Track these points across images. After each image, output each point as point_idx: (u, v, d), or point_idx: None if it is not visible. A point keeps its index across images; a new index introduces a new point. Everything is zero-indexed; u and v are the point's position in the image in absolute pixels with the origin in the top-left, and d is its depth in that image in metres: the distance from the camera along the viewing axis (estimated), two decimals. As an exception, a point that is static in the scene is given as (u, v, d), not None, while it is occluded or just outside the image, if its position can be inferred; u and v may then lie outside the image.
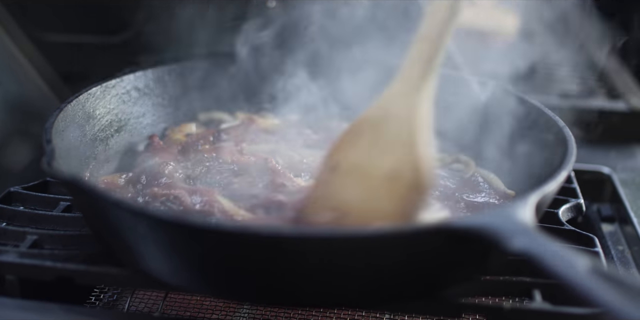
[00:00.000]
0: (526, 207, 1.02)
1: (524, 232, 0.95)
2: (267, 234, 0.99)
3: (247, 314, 1.37)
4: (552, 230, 1.30)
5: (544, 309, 1.11)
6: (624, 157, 1.97)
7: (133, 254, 1.13)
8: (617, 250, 1.57)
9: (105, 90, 1.52)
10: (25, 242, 1.24)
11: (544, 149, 1.37)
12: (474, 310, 1.15)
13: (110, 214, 1.10)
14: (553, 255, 0.89)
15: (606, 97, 2.27)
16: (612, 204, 1.76)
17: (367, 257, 1.02)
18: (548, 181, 1.13)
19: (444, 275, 1.11)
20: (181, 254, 1.07)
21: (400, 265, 1.05)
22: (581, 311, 1.09)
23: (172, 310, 1.38)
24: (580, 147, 1.28)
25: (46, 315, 1.15)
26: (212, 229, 1.01)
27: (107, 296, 1.45)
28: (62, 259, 1.19)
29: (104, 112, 1.51)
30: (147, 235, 1.06)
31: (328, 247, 1.01)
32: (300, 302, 1.15)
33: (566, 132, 1.33)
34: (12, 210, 1.35)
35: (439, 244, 1.02)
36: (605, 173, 1.80)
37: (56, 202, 1.40)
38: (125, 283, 1.26)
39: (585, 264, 0.88)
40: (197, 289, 1.15)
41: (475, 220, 1.00)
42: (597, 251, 1.27)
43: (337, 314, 1.37)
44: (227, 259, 1.04)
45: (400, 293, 1.11)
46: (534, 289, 1.17)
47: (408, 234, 1.01)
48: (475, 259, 1.11)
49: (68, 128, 1.36)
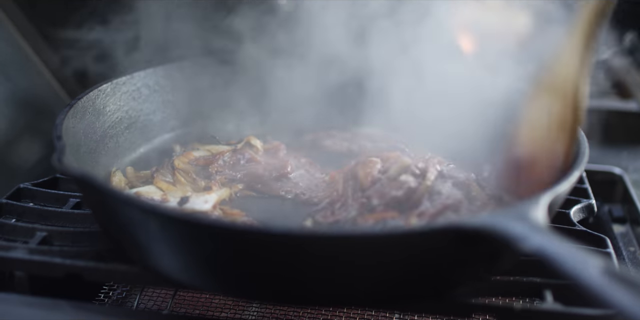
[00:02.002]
0: (539, 207, 1.02)
1: (537, 232, 0.94)
2: (278, 233, 0.99)
3: (257, 312, 1.37)
4: (563, 231, 1.29)
5: (556, 309, 1.11)
6: (635, 157, 1.96)
7: (142, 251, 1.12)
8: (628, 251, 1.56)
9: (115, 87, 1.52)
10: (34, 239, 1.24)
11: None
12: (485, 310, 1.14)
13: (120, 211, 1.10)
14: (566, 255, 0.89)
15: (618, 97, 2.26)
16: (623, 204, 1.75)
17: (378, 256, 1.01)
18: (560, 181, 1.12)
19: (454, 275, 1.11)
20: (191, 252, 1.06)
21: (411, 264, 1.04)
22: (593, 312, 1.08)
23: (181, 308, 1.38)
24: (591, 148, 1.27)
25: (55, 312, 1.14)
26: (222, 227, 1.01)
27: (116, 293, 1.45)
28: (71, 255, 1.19)
29: (114, 109, 1.51)
30: (157, 232, 1.06)
31: (338, 247, 1.00)
32: (310, 301, 1.14)
33: (578, 132, 1.32)
34: (21, 207, 1.35)
35: (450, 244, 1.01)
36: (617, 174, 1.79)
37: (66, 198, 1.40)
38: (134, 280, 1.26)
39: (597, 264, 0.88)
40: (207, 286, 1.14)
41: (488, 219, 0.99)
42: (609, 252, 1.27)
43: (346, 313, 1.36)
44: (237, 257, 1.04)
45: (411, 293, 1.10)
46: (545, 289, 1.16)
47: (420, 234, 1.01)
48: (486, 258, 1.11)
49: (78, 125, 1.36)
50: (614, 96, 2.27)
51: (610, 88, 2.35)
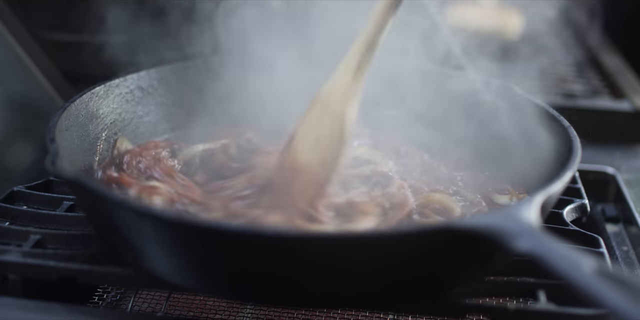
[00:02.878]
0: (531, 207, 1.02)
1: (529, 232, 0.94)
2: (272, 235, 0.99)
3: (251, 314, 1.37)
4: (556, 231, 1.29)
5: (549, 309, 1.11)
6: (628, 157, 1.96)
7: (136, 253, 1.12)
8: (621, 251, 1.56)
9: (108, 90, 1.52)
10: (28, 242, 1.24)
11: (549, 149, 1.36)
12: (478, 310, 1.14)
13: (114, 214, 1.10)
14: (558, 255, 0.89)
15: (610, 97, 2.27)
16: (616, 204, 1.75)
17: (371, 257, 1.02)
18: (553, 181, 1.12)
19: (448, 276, 1.11)
20: (185, 254, 1.06)
21: (404, 265, 1.05)
22: (586, 312, 1.08)
23: (176, 311, 1.38)
24: (584, 147, 1.27)
25: (49, 315, 1.14)
26: (216, 229, 1.01)
27: (111, 296, 1.45)
28: (65, 258, 1.19)
29: (108, 112, 1.51)
30: (151, 235, 1.06)
31: (331, 248, 1.01)
32: (303, 302, 1.15)
33: (571, 132, 1.32)
34: (15, 210, 1.35)
35: (443, 244, 1.01)
36: (610, 173, 1.80)
37: (59, 201, 1.40)
38: (128, 283, 1.26)
39: (590, 264, 0.88)
40: (201, 289, 1.14)
41: (480, 220, 0.99)
42: (602, 252, 1.27)
43: (340, 314, 1.36)
44: (231, 259, 1.04)
45: (404, 293, 1.10)
46: (538, 289, 1.16)
47: (412, 234, 1.01)
48: (479, 259, 1.11)
49: (71, 127, 1.36)
50: (607, 96, 2.28)
51: (603, 88, 2.36)
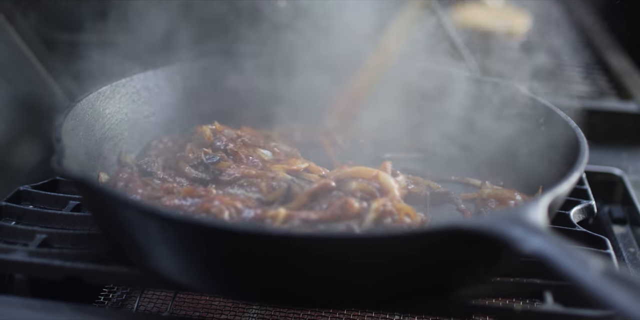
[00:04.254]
0: (538, 208, 1.02)
1: (536, 233, 0.94)
2: (278, 235, 0.99)
3: (256, 314, 1.37)
4: (563, 232, 1.29)
5: (556, 310, 1.11)
6: (635, 158, 1.95)
7: (142, 253, 1.12)
8: (628, 252, 1.56)
9: (115, 90, 1.52)
10: (34, 241, 1.24)
11: (556, 150, 1.36)
12: (485, 311, 1.14)
13: (119, 213, 1.10)
14: (566, 256, 0.89)
15: (617, 98, 2.26)
16: (623, 205, 1.75)
17: (378, 258, 1.01)
18: (560, 182, 1.12)
19: (454, 277, 1.11)
20: (191, 254, 1.06)
21: (411, 266, 1.04)
22: (593, 313, 1.08)
23: (181, 310, 1.38)
24: (591, 149, 1.27)
25: (55, 314, 1.14)
26: (222, 229, 1.01)
27: (116, 296, 1.45)
28: (71, 258, 1.19)
29: (114, 111, 1.51)
30: (157, 234, 1.06)
31: (338, 249, 1.00)
32: (309, 302, 1.14)
33: (578, 133, 1.32)
34: (21, 209, 1.35)
35: (450, 245, 1.01)
36: (617, 174, 1.79)
37: (65, 201, 1.40)
38: (134, 283, 1.26)
39: (597, 265, 0.88)
40: (207, 289, 1.14)
41: (488, 221, 0.99)
42: (609, 253, 1.26)
43: (346, 314, 1.36)
44: (237, 259, 1.04)
45: (411, 294, 1.10)
46: (545, 290, 1.16)
47: (420, 235, 1.01)
48: (486, 260, 1.10)
49: (78, 127, 1.36)
50: (614, 97, 2.28)
51: (610, 89, 2.35)
